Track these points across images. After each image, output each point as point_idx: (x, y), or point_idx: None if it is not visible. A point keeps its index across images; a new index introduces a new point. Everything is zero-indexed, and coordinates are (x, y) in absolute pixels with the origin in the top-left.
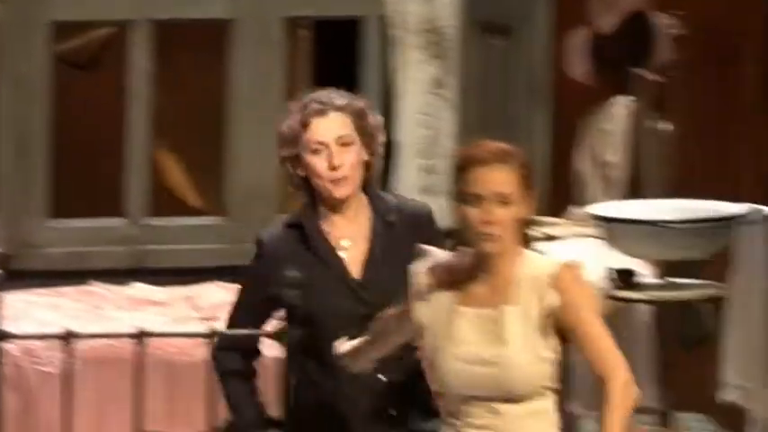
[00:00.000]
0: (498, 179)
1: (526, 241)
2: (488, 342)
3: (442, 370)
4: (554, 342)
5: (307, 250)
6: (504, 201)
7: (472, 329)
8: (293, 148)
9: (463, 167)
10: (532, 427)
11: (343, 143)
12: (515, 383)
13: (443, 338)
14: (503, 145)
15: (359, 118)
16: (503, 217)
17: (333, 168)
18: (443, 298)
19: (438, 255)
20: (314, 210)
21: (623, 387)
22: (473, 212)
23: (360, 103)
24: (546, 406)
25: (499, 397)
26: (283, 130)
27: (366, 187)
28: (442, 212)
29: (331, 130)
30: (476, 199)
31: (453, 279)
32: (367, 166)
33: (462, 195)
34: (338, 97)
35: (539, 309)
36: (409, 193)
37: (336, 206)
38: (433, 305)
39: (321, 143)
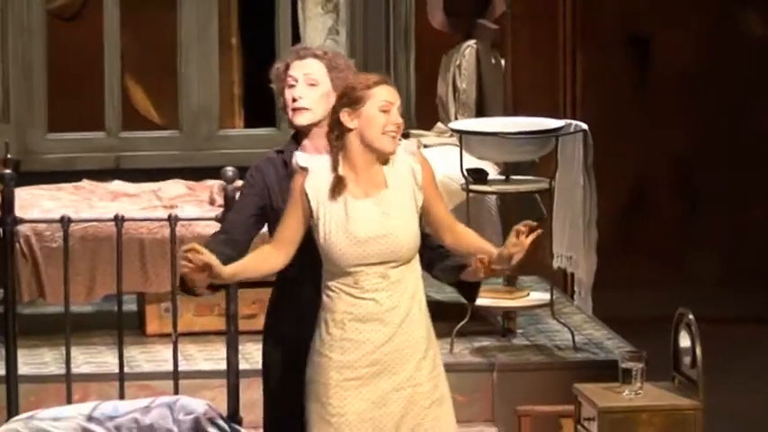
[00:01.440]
0: (396, 94)
1: None
2: (381, 220)
3: (343, 249)
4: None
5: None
6: (400, 113)
7: (366, 213)
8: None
9: (374, 84)
10: (409, 279)
11: (311, 83)
12: (404, 248)
13: (342, 225)
14: None
15: (332, 68)
16: (401, 123)
17: (294, 99)
18: (335, 193)
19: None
20: (295, 139)
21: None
22: (384, 118)
23: (340, 59)
24: (416, 261)
25: (389, 262)
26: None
27: None
28: None
29: (302, 69)
30: (388, 106)
31: (343, 182)
32: None
33: (375, 104)
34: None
35: (411, 186)
36: None
37: (304, 134)
38: (328, 200)
39: (294, 78)
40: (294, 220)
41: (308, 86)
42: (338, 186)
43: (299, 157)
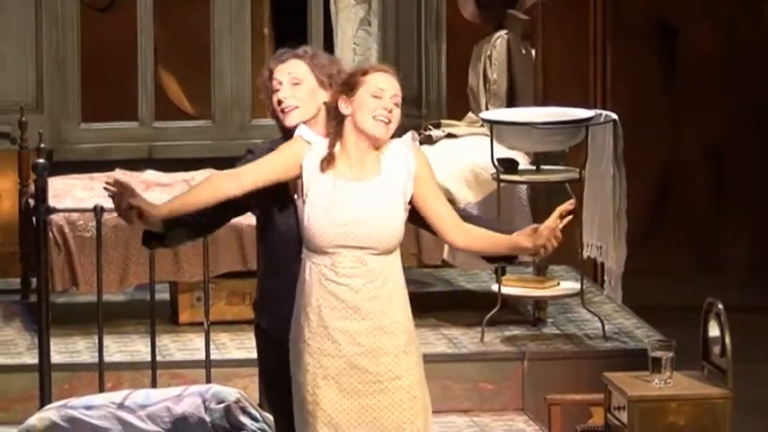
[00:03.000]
0: (395, 83)
1: None
2: (366, 204)
3: (324, 227)
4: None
5: None
6: (396, 102)
7: (353, 195)
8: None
9: (366, 71)
10: (388, 271)
11: (294, 82)
12: (384, 236)
13: (328, 204)
14: None
15: (315, 66)
16: (396, 112)
17: (279, 102)
18: (327, 171)
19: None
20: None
21: None
22: (375, 103)
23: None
24: (397, 256)
25: (368, 248)
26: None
27: None
28: None
29: (285, 70)
30: (380, 93)
31: (333, 157)
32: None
33: (368, 89)
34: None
35: (404, 178)
36: None
37: (292, 134)
38: (319, 175)
39: (279, 81)
40: (270, 172)
41: (292, 86)
42: (328, 161)
43: (304, 130)
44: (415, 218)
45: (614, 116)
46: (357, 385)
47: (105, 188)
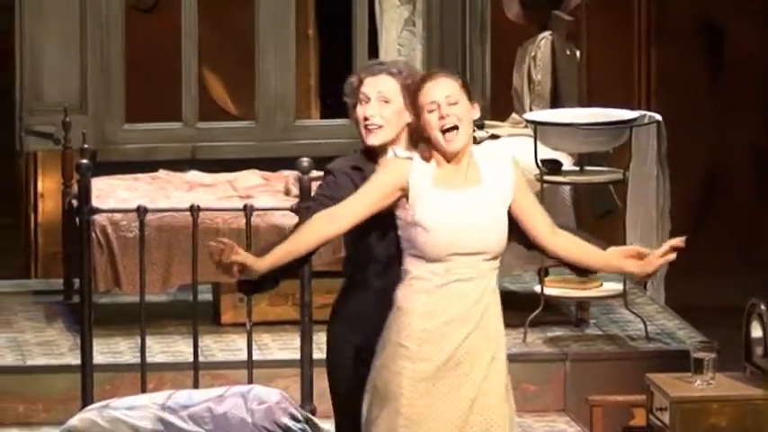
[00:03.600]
0: (443, 85)
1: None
2: (476, 211)
3: (441, 236)
4: None
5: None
6: (452, 102)
7: (462, 203)
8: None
9: (417, 88)
10: (491, 277)
11: (384, 100)
12: (496, 242)
13: (442, 214)
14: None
15: (406, 86)
16: (455, 112)
17: (366, 118)
18: (429, 182)
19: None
20: (365, 156)
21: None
22: (434, 118)
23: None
24: (498, 263)
25: (481, 253)
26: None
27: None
28: None
29: (375, 86)
30: (433, 106)
31: (430, 151)
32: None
33: (424, 108)
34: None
35: (501, 185)
36: None
37: (377, 153)
38: (426, 187)
39: (366, 96)
40: (374, 203)
41: (380, 104)
42: (429, 151)
43: (398, 150)
44: (511, 228)
45: (658, 117)
46: (452, 389)
47: (208, 249)
